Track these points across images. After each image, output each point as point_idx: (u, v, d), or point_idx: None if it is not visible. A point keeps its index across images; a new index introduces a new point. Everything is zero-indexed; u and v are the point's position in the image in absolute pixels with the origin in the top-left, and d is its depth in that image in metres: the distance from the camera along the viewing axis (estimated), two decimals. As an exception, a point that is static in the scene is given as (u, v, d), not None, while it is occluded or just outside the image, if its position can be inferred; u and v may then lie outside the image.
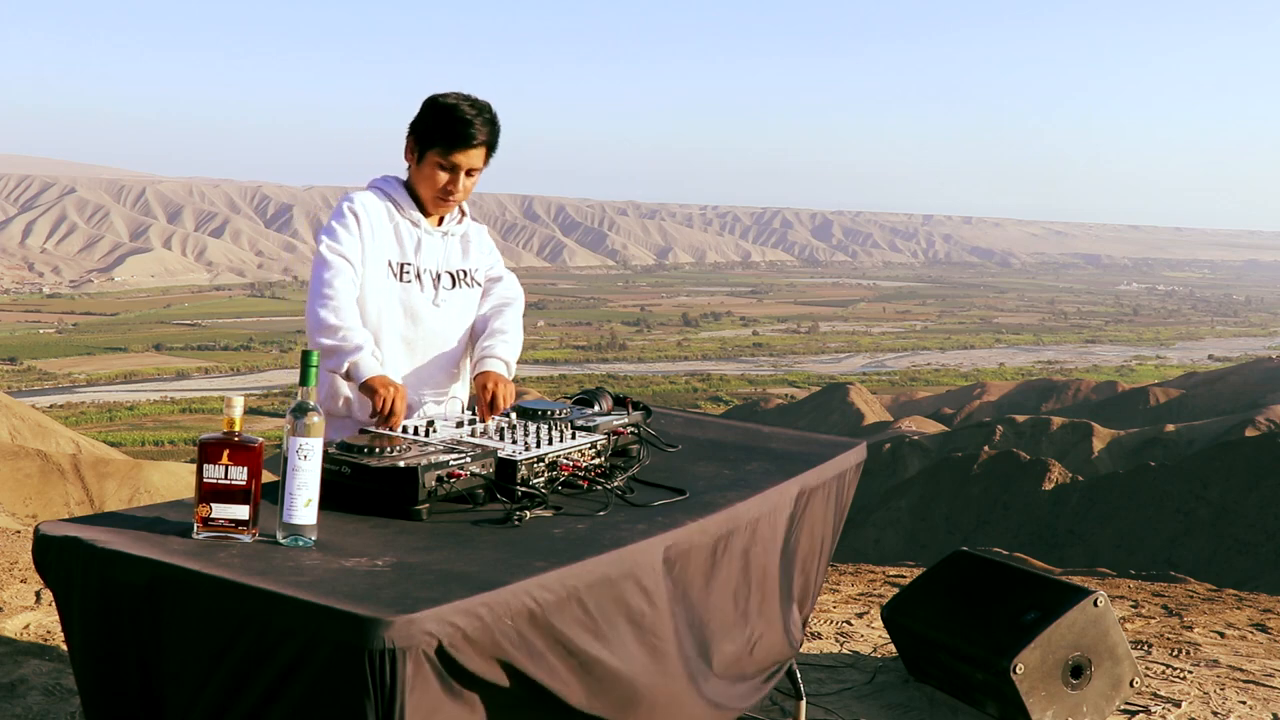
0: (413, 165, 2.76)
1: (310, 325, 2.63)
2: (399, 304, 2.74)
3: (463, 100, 2.68)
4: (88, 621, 1.83)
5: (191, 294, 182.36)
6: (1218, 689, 3.81)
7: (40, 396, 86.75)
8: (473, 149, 2.69)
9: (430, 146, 2.69)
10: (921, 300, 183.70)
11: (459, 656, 1.65)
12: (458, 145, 2.68)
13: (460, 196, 2.77)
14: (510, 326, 2.92)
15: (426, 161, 2.71)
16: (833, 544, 3.00)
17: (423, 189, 2.75)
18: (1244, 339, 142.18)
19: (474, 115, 2.66)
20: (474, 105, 2.68)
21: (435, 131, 2.67)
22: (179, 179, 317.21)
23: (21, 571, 4.77)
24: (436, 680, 1.63)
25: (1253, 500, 31.19)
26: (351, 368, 2.58)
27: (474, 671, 1.68)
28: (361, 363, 2.57)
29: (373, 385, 2.54)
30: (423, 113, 2.70)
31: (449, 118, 2.66)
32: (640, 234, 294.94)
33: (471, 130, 2.66)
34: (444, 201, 2.77)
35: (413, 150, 2.74)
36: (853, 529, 32.87)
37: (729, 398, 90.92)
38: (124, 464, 26.11)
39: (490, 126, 2.69)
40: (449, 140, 2.67)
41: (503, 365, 2.81)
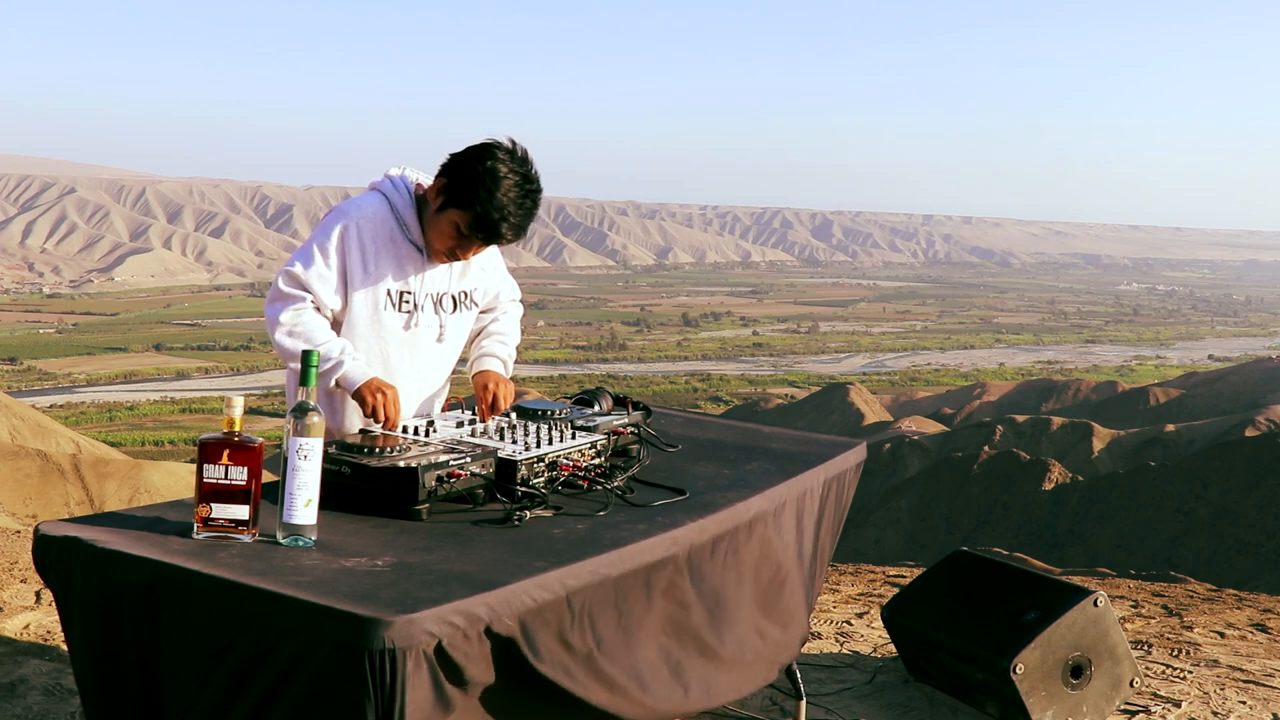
0: (432, 206, 2.55)
1: (284, 355, 2.54)
2: (396, 334, 2.64)
3: (511, 195, 2.46)
4: (88, 621, 1.83)
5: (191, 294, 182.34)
6: (1218, 689, 3.81)
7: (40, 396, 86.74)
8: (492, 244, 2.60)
9: (455, 208, 2.50)
10: (921, 300, 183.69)
11: (459, 656, 1.65)
12: (497, 240, 2.55)
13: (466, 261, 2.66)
14: (509, 329, 2.93)
15: (446, 217, 2.52)
16: (833, 544, 3.00)
17: (433, 235, 2.57)
18: (1244, 339, 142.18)
19: (511, 213, 2.48)
20: (520, 205, 2.48)
21: (468, 203, 2.48)
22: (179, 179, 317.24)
23: (21, 571, 4.77)
24: (436, 680, 1.63)
25: (1253, 500, 31.19)
26: (341, 380, 2.53)
27: (474, 671, 1.68)
28: (349, 372, 2.52)
29: (362, 394, 2.51)
30: (468, 174, 2.47)
31: (487, 200, 2.45)
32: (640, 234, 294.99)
33: (501, 237, 2.52)
34: (445, 260, 2.62)
35: (438, 195, 2.53)
36: (853, 529, 32.87)
37: (729, 398, 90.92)
38: (124, 464, 26.11)
39: (519, 228, 2.51)
40: (490, 231, 2.50)
41: (501, 364, 2.83)
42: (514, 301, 3.00)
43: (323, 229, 2.59)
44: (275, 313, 2.56)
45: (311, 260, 2.56)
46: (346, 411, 2.68)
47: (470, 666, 1.68)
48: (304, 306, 2.56)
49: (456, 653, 1.65)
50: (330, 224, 2.58)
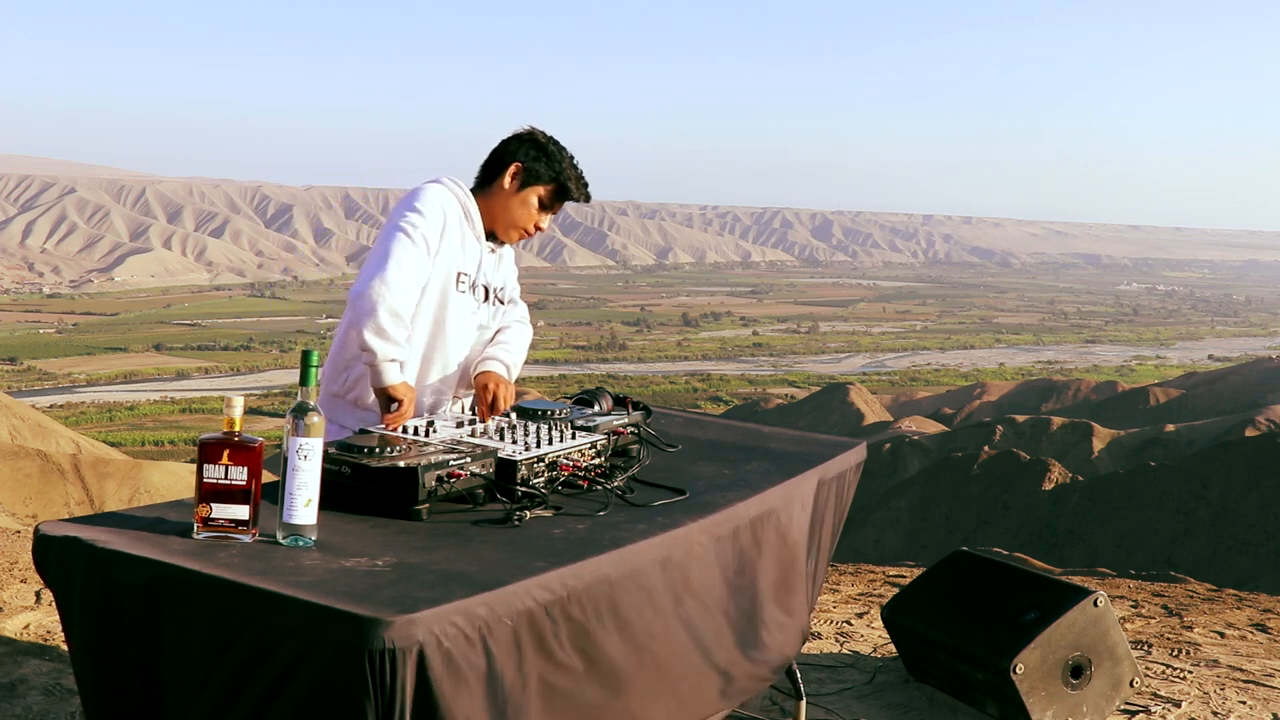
0: (508, 189, 2.77)
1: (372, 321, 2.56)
2: (453, 314, 2.78)
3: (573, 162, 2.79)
4: (88, 621, 1.83)
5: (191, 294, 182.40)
6: (1218, 689, 3.81)
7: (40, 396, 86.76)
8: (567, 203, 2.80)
9: (540, 183, 2.76)
10: (921, 300, 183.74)
11: (459, 657, 1.65)
12: (569, 200, 2.80)
13: (539, 233, 2.87)
14: (516, 340, 2.99)
15: (527, 193, 2.76)
16: (833, 544, 3.00)
17: (510, 216, 2.79)
18: (1244, 339, 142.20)
19: (582, 179, 2.81)
20: (580, 170, 2.81)
21: (553, 175, 2.75)
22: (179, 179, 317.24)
23: (21, 571, 4.77)
24: (436, 680, 1.63)
25: (1253, 500, 31.19)
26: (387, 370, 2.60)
27: (474, 671, 1.68)
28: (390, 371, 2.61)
29: (396, 394, 2.60)
30: (538, 150, 2.75)
31: (567, 170, 2.76)
32: (640, 234, 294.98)
33: (579, 195, 2.80)
34: (525, 235, 2.83)
35: (516, 177, 2.76)
36: (853, 529, 32.88)
37: (729, 398, 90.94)
38: (124, 464, 26.11)
39: (589, 192, 2.83)
40: (566, 194, 2.78)
41: (503, 368, 2.87)
42: (523, 322, 3.09)
43: (417, 199, 2.69)
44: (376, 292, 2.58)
45: (424, 217, 2.66)
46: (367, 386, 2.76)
47: (470, 667, 1.68)
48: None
49: (456, 653, 1.65)
50: (423, 196, 2.70)
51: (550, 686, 1.84)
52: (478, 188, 2.82)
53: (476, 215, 2.79)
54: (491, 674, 1.72)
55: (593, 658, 1.93)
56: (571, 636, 1.88)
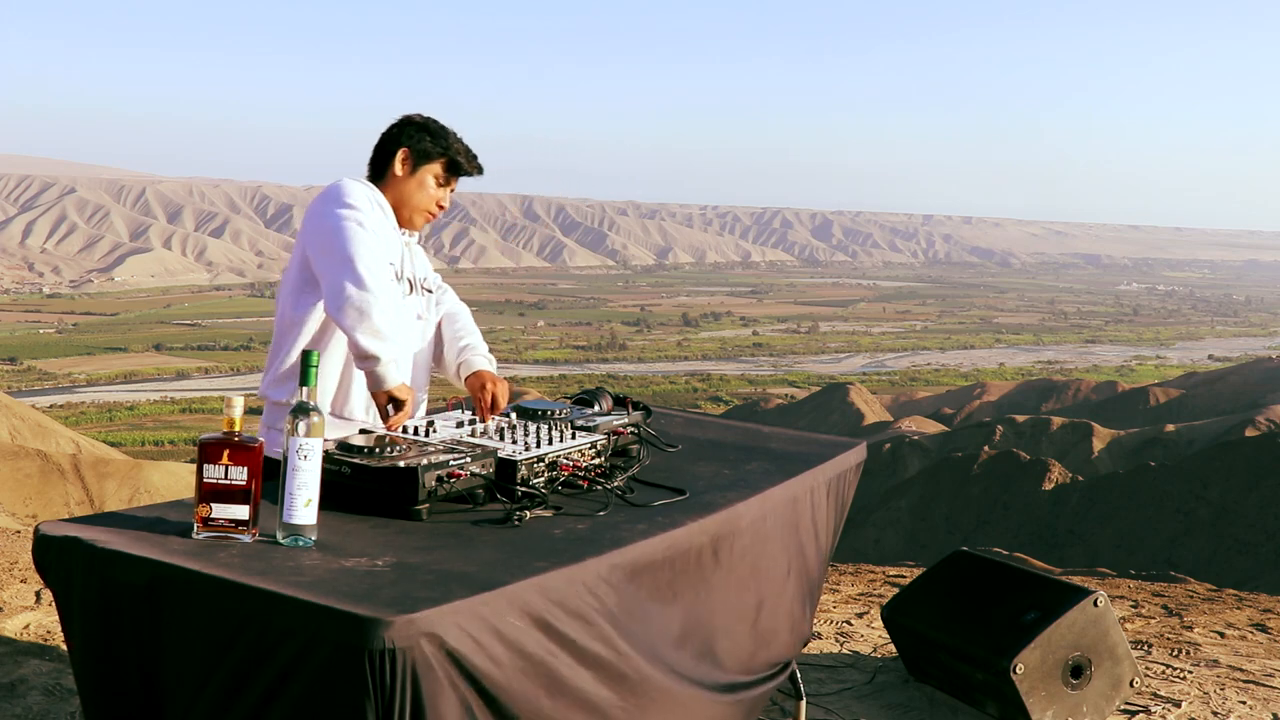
0: (401, 175, 2.71)
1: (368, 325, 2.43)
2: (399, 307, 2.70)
3: (451, 131, 2.75)
4: (88, 621, 1.83)
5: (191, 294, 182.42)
6: (1218, 689, 3.81)
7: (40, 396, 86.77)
8: (463, 176, 2.77)
9: (430, 161, 2.72)
10: (921, 300, 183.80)
11: (459, 657, 1.65)
12: (462, 174, 2.76)
13: (444, 211, 2.81)
14: (474, 329, 2.97)
15: (422, 174, 2.72)
16: (833, 544, 3.00)
17: (411, 201, 2.73)
18: (1244, 339, 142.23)
19: (468, 150, 2.76)
20: (461, 141, 2.76)
21: (441, 152, 2.72)
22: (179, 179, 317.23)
23: (21, 571, 4.77)
24: (436, 680, 1.63)
25: (1253, 500, 31.20)
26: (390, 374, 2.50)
27: (474, 671, 1.68)
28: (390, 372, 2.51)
29: (399, 396, 2.51)
30: (420, 131, 2.72)
31: (453, 143, 2.73)
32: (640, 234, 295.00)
33: (470, 165, 2.75)
34: (431, 217, 2.78)
35: (407, 162, 2.71)
36: (853, 529, 32.88)
37: (729, 398, 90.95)
38: (124, 464, 26.11)
39: (478, 161, 2.79)
40: (458, 169, 2.75)
41: (488, 362, 2.85)
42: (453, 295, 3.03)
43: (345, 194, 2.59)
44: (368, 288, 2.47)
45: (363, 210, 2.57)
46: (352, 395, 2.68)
47: (470, 667, 1.68)
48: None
49: (456, 653, 1.65)
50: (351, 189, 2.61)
51: (551, 687, 1.84)
52: (373, 182, 2.75)
53: (388, 207, 2.72)
54: (491, 674, 1.72)
55: (593, 658, 1.93)
56: (572, 637, 1.88)
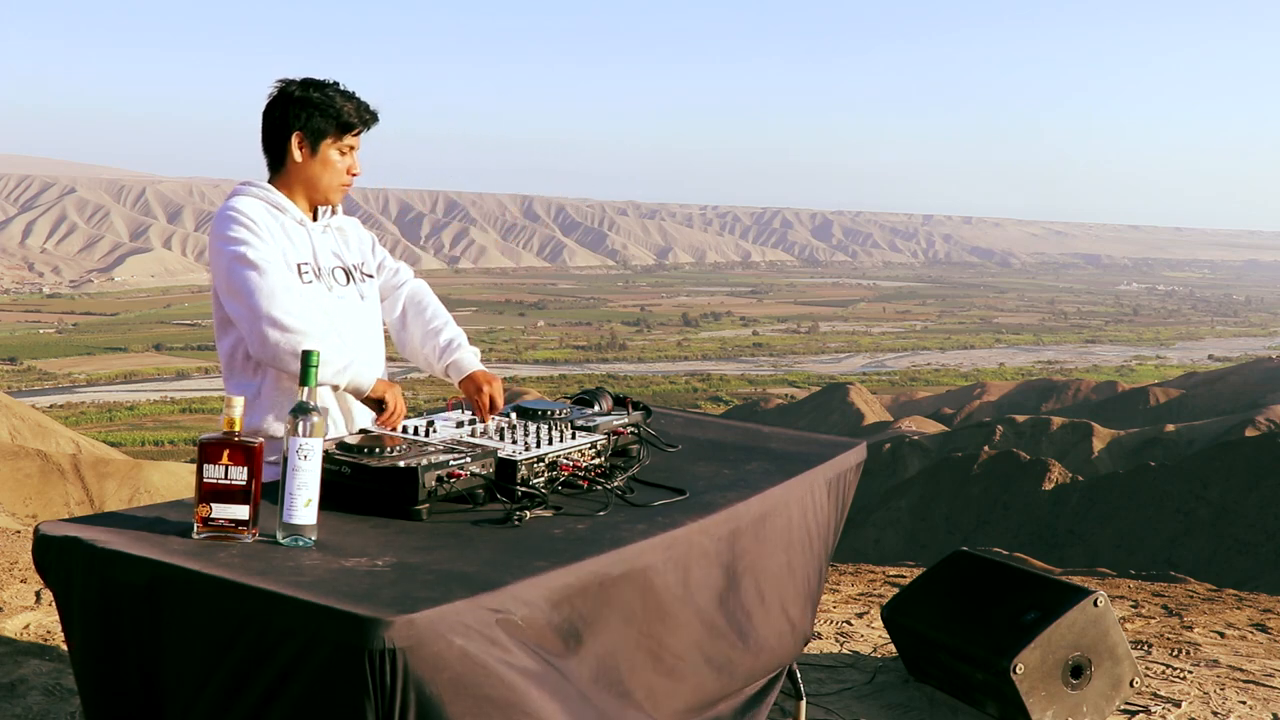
0: (302, 160, 2.60)
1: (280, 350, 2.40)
2: (326, 309, 2.60)
3: (328, 90, 2.59)
4: (88, 621, 1.83)
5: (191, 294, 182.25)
6: (1218, 689, 3.81)
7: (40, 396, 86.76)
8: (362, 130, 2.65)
9: (325, 137, 2.59)
10: (921, 300, 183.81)
11: (459, 657, 1.65)
12: (357, 129, 2.62)
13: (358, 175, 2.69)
14: (446, 315, 2.90)
15: (322, 152, 2.61)
16: (833, 544, 3.00)
17: (322, 181, 2.63)
18: (1244, 339, 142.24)
19: (355, 103, 2.61)
20: (343, 92, 2.61)
21: (329, 122, 2.58)
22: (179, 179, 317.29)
23: (21, 571, 4.77)
24: (436, 680, 1.63)
25: (1253, 500, 31.20)
26: (354, 381, 2.49)
27: (474, 671, 1.68)
28: (363, 373, 2.50)
29: (378, 394, 2.50)
30: (302, 108, 2.58)
31: (337, 108, 2.58)
32: (640, 234, 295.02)
33: (364, 116, 2.61)
34: (346, 187, 2.67)
35: (304, 145, 2.60)
36: (853, 529, 32.88)
37: (729, 398, 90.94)
38: (124, 464, 26.11)
39: (368, 105, 2.64)
40: (349, 126, 2.60)
41: (476, 357, 2.81)
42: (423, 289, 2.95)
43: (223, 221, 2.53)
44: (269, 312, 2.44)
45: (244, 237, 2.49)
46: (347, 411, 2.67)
47: (470, 667, 1.68)
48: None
49: (456, 653, 1.65)
50: (223, 215, 2.55)
51: (551, 687, 1.84)
52: (274, 172, 2.64)
53: (286, 202, 2.62)
54: (491, 674, 1.72)
55: (593, 658, 1.93)
56: (572, 637, 1.88)
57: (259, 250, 2.49)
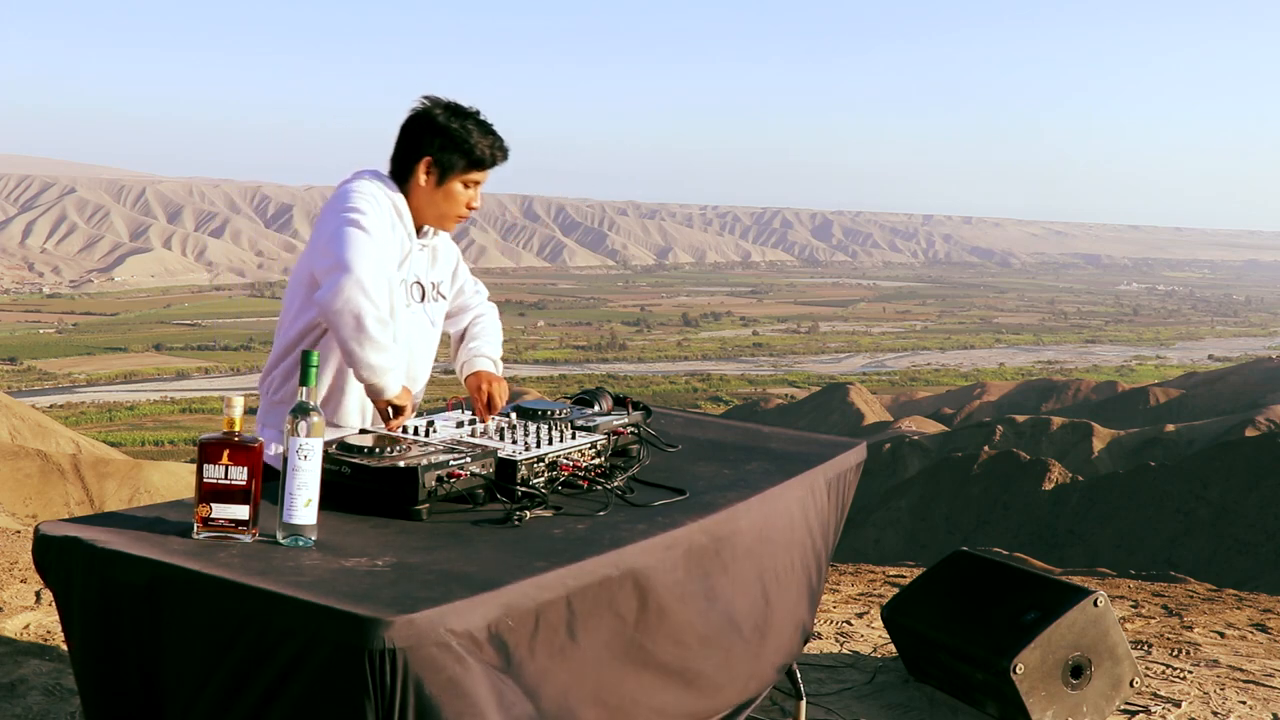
0: (426, 185, 2.60)
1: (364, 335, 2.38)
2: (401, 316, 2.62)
3: (469, 121, 2.59)
4: (88, 621, 1.83)
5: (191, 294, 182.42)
6: (1218, 689, 3.81)
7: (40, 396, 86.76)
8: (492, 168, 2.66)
9: (454, 170, 2.59)
10: (921, 300, 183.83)
11: (459, 657, 1.65)
12: (492, 165, 2.63)
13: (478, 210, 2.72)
14: (491, 330, 2.91)
15: (450, 182, 2.60)
16: (833, 544, 3.00)
17: (443, 208, 2.63)
18: (1244, 339, 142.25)
19: (493, 140, 2.61)
20: (484, 128, 2.61)
21: (463, 156, 2.59)
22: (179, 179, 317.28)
23: (21, 571, 4.77)
24: (436, 680, 1.63)
25: (1253, 500, 31.19)
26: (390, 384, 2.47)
27: (474, 672, 1.68)
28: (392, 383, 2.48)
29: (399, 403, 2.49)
30: (439, 136, 2.58)
31: (474, 143, 2.58)
32: (640, 234, 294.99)
33: (498, 156, 2.63)
34: (463, 219, 2.68)
35: (430, 172, 2.60)
36: (853, 529, 32.87)
37: (729, 398, 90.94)
38: (124, 464, 26.11)
39: (505, 145, 2.65)
40: (480, 164, 2.61)
41: (491, 364, 2.81)
42: (488, 300, 2.98)
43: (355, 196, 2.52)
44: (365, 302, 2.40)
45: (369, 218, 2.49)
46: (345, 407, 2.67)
47: (470, 667, 1.68)
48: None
49: (456, 653, 1.65)
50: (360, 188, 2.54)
51: (551, 687, 1.84)
52: (397, 182, 2.63)
53: (406, 212, 2.62)
54: (491, 674, 1.72)
55: (593, 658, 1.93)
56: (572, 637, 1.88)
57: (374, 223, 2.48)
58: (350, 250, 2.41)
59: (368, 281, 2.39)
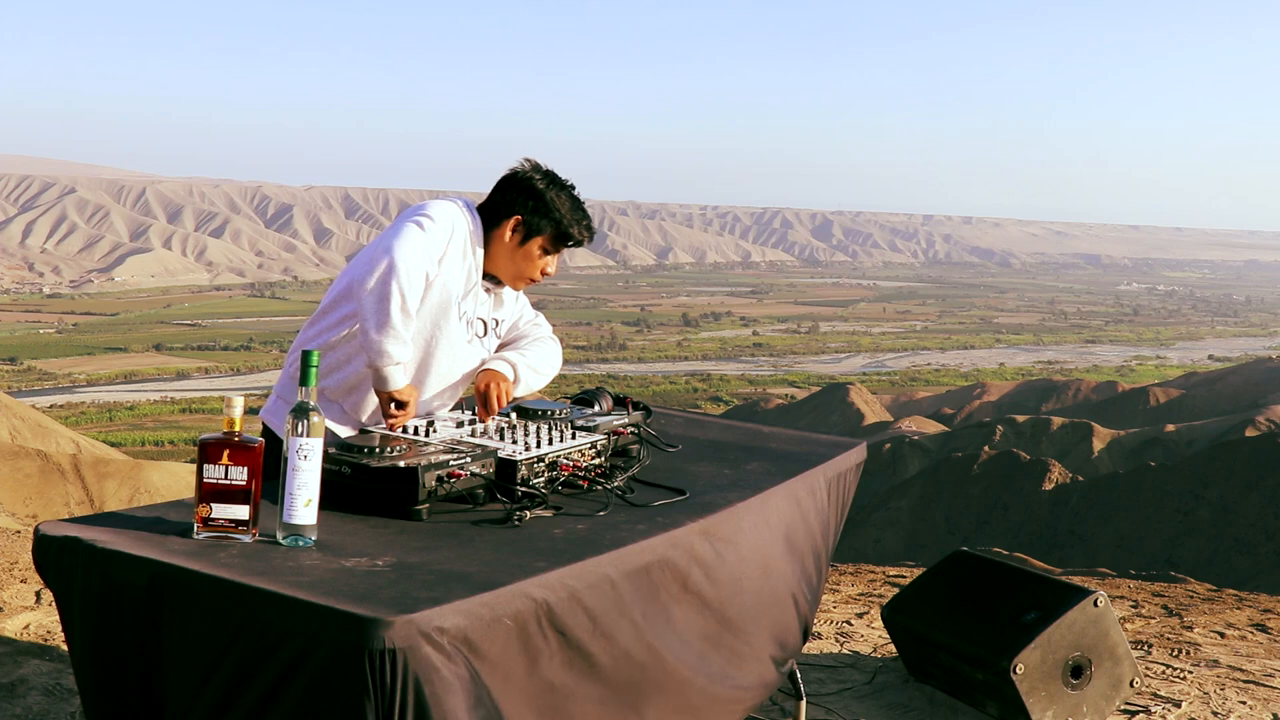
0: (509, 242, 2.66)
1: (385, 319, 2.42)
2: (445, 340, 2.64)
3: (564, 192, 2.67)
4: (88, 621, 1.83)
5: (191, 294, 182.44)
6: (1218, 689, 3.81)
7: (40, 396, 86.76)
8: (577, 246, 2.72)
9: (540, 234, 2.66)
10: (921, 300, 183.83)
11: (459, 657, 1.65)
12: (577, 243, 2.70)
13: None
14: (535, 346, 2.87)
15: (531, 245, 2.66)
16: (833, 544, 3.00)
17: (514, 268, 2.68)
18: (1244, 339, 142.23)
19: (585, 219, 2.69)
20: (579, 207, 2.69)
21: (553, 227, 2.65)
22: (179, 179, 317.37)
23: (21, 571, 4.77)
24: (436, 680, 1.63)
25: (1253, 500, 31.19)
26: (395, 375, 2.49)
27: (474, 672, 1.68)
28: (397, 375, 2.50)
29: (402, 397, 2.50)
30: (535, 199, 2.64)
31: (573, 217, 2.66)
32: (640, 234, 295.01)
33: (584, 238, 2.70)
34: (533, 283, 2.73)
35: (516, 230, 2.65)
36: (853, 529, 32.88)
37: (729, 398, 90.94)
38: (124, 464, 26.11)
39: (592, 227, 2.74)
40: (568, 239, 2.68)
41: (508, 366, 2.75)
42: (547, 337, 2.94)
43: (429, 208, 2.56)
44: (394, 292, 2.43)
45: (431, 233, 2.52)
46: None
47: (470, 667, 1.68)
48: None
49: (456, 653, 1.65)
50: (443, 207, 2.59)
51: (551, 687, 1.84)
52: (485, 225, 2.69)
53: (482, 249, 2.66)
54: (492, 674, 1.72)
55: (593, 658, 1.93)
56: (572, 637, 1.88)
57: (437, 230, 2.53)
58: (401, 240, 2.46)
59: (403, 269, 2.43)
